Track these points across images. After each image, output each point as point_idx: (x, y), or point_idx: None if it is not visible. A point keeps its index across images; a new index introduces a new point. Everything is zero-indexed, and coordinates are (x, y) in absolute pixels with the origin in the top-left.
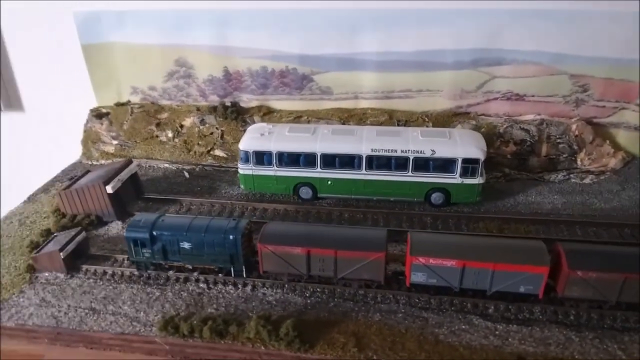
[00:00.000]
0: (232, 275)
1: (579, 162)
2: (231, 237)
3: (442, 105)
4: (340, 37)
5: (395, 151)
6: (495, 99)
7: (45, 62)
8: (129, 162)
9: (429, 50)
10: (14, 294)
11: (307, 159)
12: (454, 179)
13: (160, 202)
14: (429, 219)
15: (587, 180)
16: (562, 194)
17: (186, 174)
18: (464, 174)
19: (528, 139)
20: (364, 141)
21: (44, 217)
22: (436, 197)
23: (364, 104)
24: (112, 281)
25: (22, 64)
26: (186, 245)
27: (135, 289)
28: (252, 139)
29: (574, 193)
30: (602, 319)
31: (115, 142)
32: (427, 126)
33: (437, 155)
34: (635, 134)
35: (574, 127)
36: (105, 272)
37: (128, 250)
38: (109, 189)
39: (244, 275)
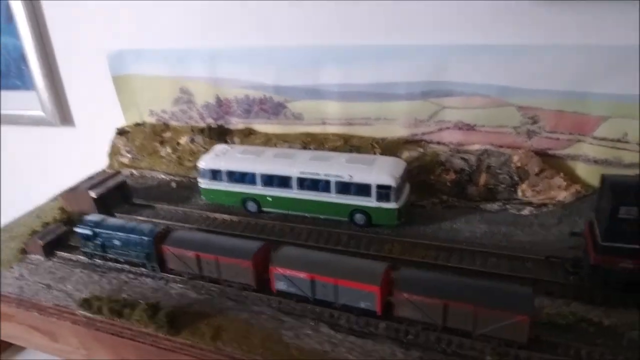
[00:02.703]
0: (150, 270)
1: (519, 193)
2: (146, 239)
3: (398, 133)
4: (306, 70)
5: (319, 174)
6: (448, 128)
7: (90, 89)
8: (118, 173)
9: (383, 82)
10: (7, 269)
11: (250, 178)
12: (372, 202)
13: (143, 208)
14: (346, 237)
15: (524, 212)
16: (490, 223)
17: (174, 185)
18: (380, 198)
19: (466, 168)
20: (296, 164)
21: (55, 213)
22: (359, 218)
23: (330, 129)
24: (72, 266)
25: (72, 89)
26: (117, 242)
27: (84, 274)
28: (209, 158)
29: (502, 224)
30: (439, 341)
31: (129, 155)
32: (376, 153)
33: (354, 180)
34: (595, 167)
35: (515, 158)
36: (70, 259)
37: (80, 243)
38: (93, 194)
39: (159, 271)
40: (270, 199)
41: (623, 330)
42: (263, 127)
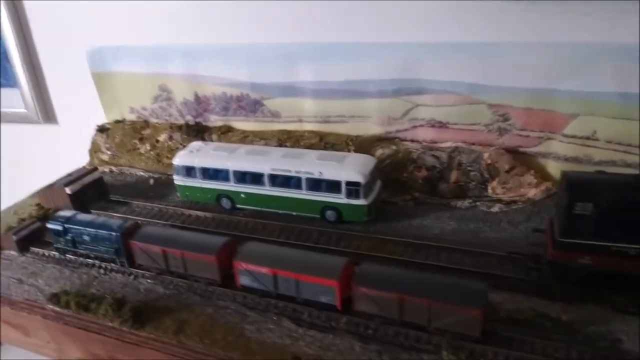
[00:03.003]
0: (119, 265)
1: (489, 191)
2: (114, 234)
3: (373, 131)
4: (281, 67)
5: (290, 171)
6: (421, 125)
7: (73, 86)
8: (95, 169)
9: (356, 80)
10: None
11: (224, 174)
12: (341, 199)
13: (119, 204)
14: (316, 234)
15: (494, 209)
16: (459, 220)
17: (152, 182)
18: (349, 195)
19: (438, 166)
20: (268, 161)
21: (32, 209)
22: (330, 215)
23: (307, 126)
24: (45, 261)
25: (56, 86)
26: (86, 238)
27: (56, 269)
28: (183, 155)
29: (471, 220)
30: (397, 335)
31: (109, 152)
32: (350, 150)
33: (324, 177)
34: (565, 165)
35: (486, 155)
36: (44, 254)
37: (52, 238)
38: (68, 190)
39: (128, 267)
40: (243, 196)
41: (580, 325)
42: (241, 124)
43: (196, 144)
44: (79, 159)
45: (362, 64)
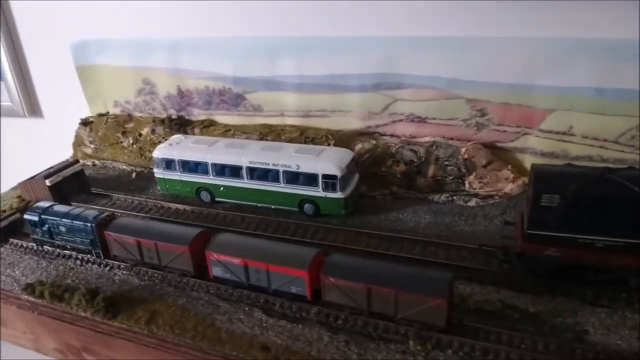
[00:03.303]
0: (95, 256)
1: (466, 185)
2: (89, 225)
3: (353, 125)
4: (263, 61)
5: (268, 164)
6: (400, 120)
7: (57, 80)
8: (76, 162)
9: (336, 74)
10: None
11: (203, 167)
12: (319, 192)
13: (100, 197)
14: (294, 227)
15: (471, 203)
16: (435, 214)
17: (134, 175)
18: (326, 188)
19: (415, 160)
20: (246, 154)
21: (13, 201)
22: (307, 208)
23: (289, 120)
24: (22, 252)
25: (40, 80)
26: (63, 228)
27: (33, 260)
28: (163, 147)
29: (447, 214)
30: (366, 326)
31: (92, 145)
32: (330, 144)
33: (302, 170)
34: (543, 160)
35: (463, 150)
36: (22, 246)
37: (30, 229)
38: (48, 182)
39: (103, 258)
40: (222, 189)
41: (547, 317)
42: (224, 118)
43: (176, 137)
44: (64, 152)
45: (343, 58)
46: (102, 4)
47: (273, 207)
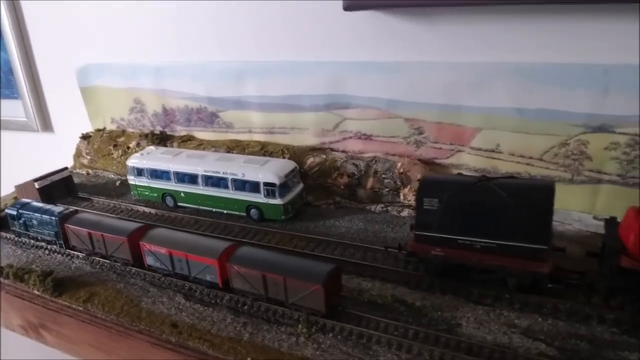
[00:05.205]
0: (59, 247)
1: (401, 197)
2: (54, 219)
3: (310, 142)
4: (232, 83)
5: (219, 173)
6: (350, 137)
7: (67, 99)
8: (65, 169)
9: (292, 95)
10: None
11: (167, 175)
12: (261, 198)
13: (83, 200)
14: (237, 229)
15: (404, 213)
16: (368, 222)
17: (117, 183)
18: (267, 195)
19: (356, 173)
20: (203, 164)
21: (10, 201)
22: (253, 213)
23: (255, 137)
24: (4, 242)
25: (53, 99)
26: (35, 222)
27: (11, 249)
28: (135, 157)
29: (379, 222)
30: (267, 311)
31: (88, 157)
32: (285, 157)
33: (247, 178)
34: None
35: (399, 164)
36: (6, 237)
37: (10, 223)
38: (37, 185)
39: (65, 248)
40: (183, 195)
41: (429, 311)
42: (201, 134)
43: (149, 148)
44: (70, 163)
45: (299, 80)
46: (102, 32)
47: (225, 212)
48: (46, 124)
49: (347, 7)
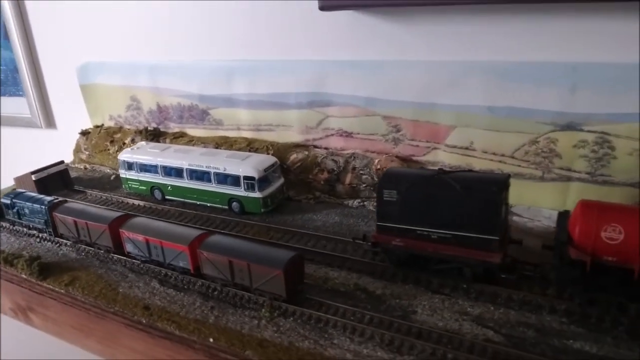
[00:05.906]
0: (48, 235)
1: None
2: (44, 208)
3: (295, 138)
4: (222, 81)
5: (202, 166)
6: (332, 135)
7: (69, 97)
8: (61, 162)
9: (278, 93)
10: None
11: (155, 169)
12: (242, 192)
13: (78, 192)
14: (219, 221)
15: None
16: (344, 216)
17: (112, 177)
18: (247, 188)
19: (336, 169)
20: (188, 158)
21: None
22: (235, 206)
23: (244, 133)
24: (1, 230)
25: (56, 97)
26: (27, 211)
27: (5, 237)
28: (127, 152)
29: (354, 217)
30: (234, 296)
31: (86, 152)
32: (269, 153)
33: (228, 172)
34: None
35: (376, 161)
36: (2, 225)
37: (5, 211)
38: (33, 177)
39: (54, 236)
40: (170, 188)
41: (388, 298)
42: (193, 131)
43: (140, 144)
44: (70, 158)
45: (284, 78)
46: (101, 31)
47: (209, 204)
48: (49, 121)
49: (322, 7)
